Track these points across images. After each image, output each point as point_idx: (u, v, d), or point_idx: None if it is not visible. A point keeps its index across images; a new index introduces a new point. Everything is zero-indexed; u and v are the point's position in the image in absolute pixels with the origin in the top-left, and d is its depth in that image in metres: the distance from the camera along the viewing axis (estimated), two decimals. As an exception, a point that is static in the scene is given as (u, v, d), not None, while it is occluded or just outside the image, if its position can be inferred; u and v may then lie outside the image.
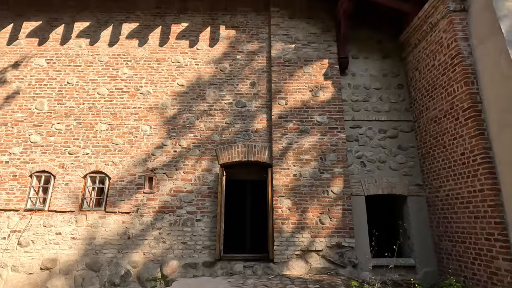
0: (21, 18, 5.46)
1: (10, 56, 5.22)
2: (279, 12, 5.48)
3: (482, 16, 3.96)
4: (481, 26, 3.95)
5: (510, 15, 3.71)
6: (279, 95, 5.02)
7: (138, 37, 5.41)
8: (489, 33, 3.80)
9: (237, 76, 5.22)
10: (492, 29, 3.75)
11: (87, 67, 5.22)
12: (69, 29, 5.42)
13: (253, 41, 5.42)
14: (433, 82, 4.59)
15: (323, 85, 5.07)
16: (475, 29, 4.05)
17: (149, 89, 5.11)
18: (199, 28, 5.47)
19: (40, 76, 5.14)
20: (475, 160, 3.75)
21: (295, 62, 5.19)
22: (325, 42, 5.32)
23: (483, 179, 3.63)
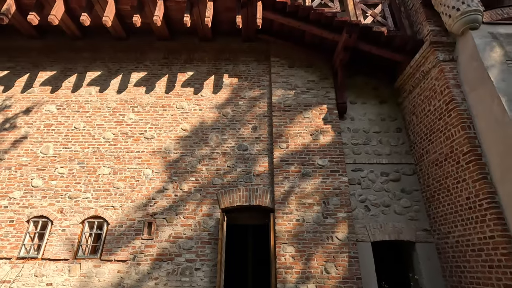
0: (38, 68, 5.83)
1: (22, 103, 5.47)
2: (279, 61, 5.84)
3: (470, 65, 4.20)
4: (470, 75, 4.17)
5: (496, 64, 3.94)
6: (280, 138, 5.11)
7: (145, 84, 5.71)
8: (479, 81, 3.99)
9: (239, 120, 5.38)
10: (482, 77, 3.95)
11: (95, 113, 5.43)
12: (81, 78, 5.75)
13: (255, 88, 5.69)
14: (430, 126, 4.70)
15: (323, 129, 5.19)
16: (465, 77, 4.27)
17: (153, 134, 5.24)
18: (204, 76, 5.79)
19: (49, 121, 5.32)
20: (482, 205, 3.67)
21: (295, 107, 5.38)
22: (323, 88, 5.58)
23: (492, 225, 3.52)
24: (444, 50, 4.55)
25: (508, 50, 4.08)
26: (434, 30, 4.72)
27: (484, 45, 4.13)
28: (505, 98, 3.63)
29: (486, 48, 4.09)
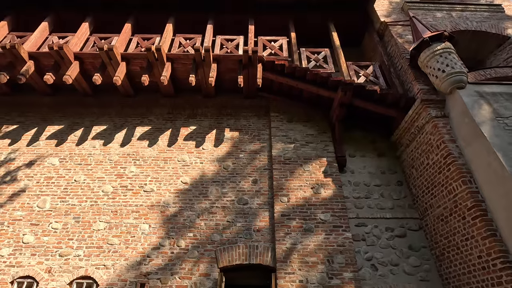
0: (46, 122, 6.06)
1: (26, 156, 5.55)
2: (278, 116, 6.08)
3: (462, 121, 4.37)
4: (464, 130, 4.32)
5: (487, 121, 4.11)
6: (281, 192, 5.06)
7: (149, 138, 5.87)
8: (473, 136, 4.11)
9: (239, 173, 5.40)
10: (475, 133, 4.08)
11: (97, 166, 5.47)
12: (87, 132, 5.93)
13: (255, 141, 5.83)
14: (431, 180, 4.69)
15: (324, 182, 5.17)
16: (459, 132, 4.41)
17: (153, 187, 5.21)
18: (206, 130, 5.98)
19: (50, 174, 5.33)
20: (495, 265, 3.47)
21: (295, 160, 5.45)
22: (322, 142, 5.71)
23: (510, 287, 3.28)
24: (435, 107, 4.79)
25: (495, 107, 4.29)
26: (423, 88, 5.03)
27: (473, 102, 4.35)
28: (501, 153, 3.70)
29: (474, 105, 4.31)
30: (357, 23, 7.33)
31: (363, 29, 7.38)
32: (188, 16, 6.95)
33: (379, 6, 7.01)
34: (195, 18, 6.94)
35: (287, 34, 6.71)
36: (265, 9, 6.99)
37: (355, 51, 7.44)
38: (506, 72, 5.31)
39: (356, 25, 7.34)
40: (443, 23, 6.46)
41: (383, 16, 6.74)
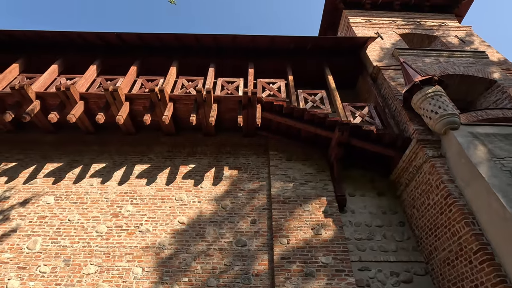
0: (45, 160, 6.06)
1: (22, 194, 5.47)
2: (277, 155, 6.14)
3: (459, 161, 4.42)
4: (461, 170, 4.34)
5: (484, 161, 4.15)
6: (281, 233, 4.92)
7: (147, 176, 5.84)
8: (472, 177, 4.12)
9: (238, 213, 5.29)
10: (473, 174, 4.10)
11: (93, 204, 5.36)
12: (86, 169, 5.91)
13: (254, 180, 5.81)
14: (433, 221, 4.60)
15: (324, 223, 5.05)
16: (457, 172, 4.43)
17: (149, 227, 5.06)
18: (205, 168, 5.99)
19: (43, 213, 5.21)
20: (509, 316, 3.26)
21: (294, 200, 5.38)
22: (321, 181, 5.69)
23: None
24: (431, 147, 4.87)
25: (490, 148, 4.37)
26: (419, 129, 5.16)
27: (468, 143, 4.44)
28: (501, 194, 3.69)
29: (470, 146, 4.39)
30: (351, 67, 7.76)
31: (357, 72, 7.78)
32: (191, 60, 7.36)
33: (371, 52, 7.48)
34: (198, 62, 7.34)
35: (285, 77, 7.06)
36: (264, 55, 7.44)
37: (350, 93, 7.77)
38: (497, 114, 5.50)
39: (350, 69, 7.77)
40: (432, 68, 6.84)
41: (375, 61, 7.15)
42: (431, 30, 8.93)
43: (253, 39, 7.26)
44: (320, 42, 7.50)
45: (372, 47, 7.66)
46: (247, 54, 7.37)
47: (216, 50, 7.44)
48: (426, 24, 9.15)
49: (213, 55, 7.34)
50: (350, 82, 7.98)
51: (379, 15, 9.42)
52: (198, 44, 7.37)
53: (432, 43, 8.82)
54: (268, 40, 7.28)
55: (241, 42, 7.32)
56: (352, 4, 9.74)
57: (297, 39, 7.30)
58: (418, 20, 9.33)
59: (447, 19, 9.44)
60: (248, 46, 7.40)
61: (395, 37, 8.39)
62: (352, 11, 9.58)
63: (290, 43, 7.37)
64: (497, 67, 7.07)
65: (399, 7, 9.64)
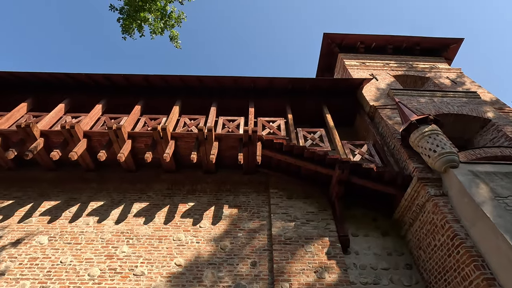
0: (43, 198, 5.98)
1: (15, 234, 5.30)
2: (278, 193, 6.07)
3: (462, 200, 4.36)
4: (465, 210, 4.27)
5: (487, 201, 4.10)
6: (282, 276, 4.67)
7: (145, 215, 5.72)
8: (476, 217, 4.04)
9: (237, 255, 5.08)
10: (477, 214, 4.02)
11: (87, 245, 5.18)
12: (83, 208, 5.81)
13: (254, 219, 5.67)
14: (442, 264, 4.40)
15: (328, 265, 4.83)
16: (461, 212, 4.35)
17: (144, 270, 4.82)
18: (205, 207, 5.88)
19: (35, 254, 5.00)
20: None
21: (296, 240, 5.20)
22: (323, 220, 5.56)
23: None
24: (433, 185, 4.84)
25: (492, 186, 4.35)
26: (418, 167, 5.17)
27: (469, 182, 4.42)
28: (509, 235, 3.58)
29: (471, 185, 4.37)
30: (348, 106, 8.02)
31: (355, 111, 8.02)
32: (194, 100, 7.64)
33: (367, 92, 7.78)
34: (200, 102, 7.60)
35: (284, 115, 7.26)
36: (264, 95, 7.74)
37: (348, 131, 7.92)
38: (495, 152, 5.55)
39: (347, 108, 8.02)
40: (427, 107, 7.06)
41: (372, 100, 7.41)
42: (423, 72, 9.39)
43: (253, 81, 7.60)
44: (317, 83, 7.85)
45: (368, 87, 7.98)
46: (248, 94, 7.66)
47: (218, 90, 7.75)
48: (418, 67, 9.64)
49: (215, 94, 7.63)
50: (348, 120, 8.19)
51: (373, 58, 9.97)
52: (200, 85, 7.70)
53: (425, 83, 9.21)
54: (268, 81, 7.62)
55: (242, 83, 7.66)
56: (346, 48, 10.36)
57: (295, 81, 7.64)
58: (410, 62, 9.85)
59: (437, 62, 9.98)
60: (248, 87, 7.73)
61: (389, 78, 8.79)
62: (347, 55, 10.16)
63: (289, 84, 7.71)
64: (490, 106, 7.30)
65: (392, 51, 10.24)
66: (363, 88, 7.88)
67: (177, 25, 5.52)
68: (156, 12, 5.00)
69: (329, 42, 10.35)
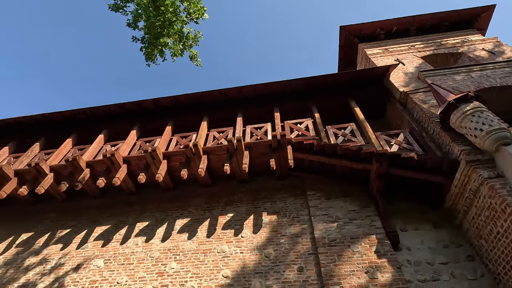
0: (94, 224, 6.42)
1: (75, 260, 5.73)
2: (315, 194, 5.94)
3: (523, 180, 3.93)
4: (528, 190, 3.84)
5: (553, 177, 3.65)
6: (332, 280, 4.52)
7: (188, 230, 5.88)
8: (543, 196, 3.61)
9: (282, 261, 5.02)
10: (544, 192, 3.60)
11: (139, 264, 5.43)
12: (131, 229, 6.13)
13: (295, 223, 5.59)
14: (509, 252, 3.98)
15: (378, 265, 4.59)
16: (523, 193, 3.92)
17: (194, 284, 4.94)
18: (244, 216, 5.92)
19: (94, 277, 5.35)
20: None
21: (341, 241, 5.02)
22: (367, 217, 5.32)
23: None
24: (484, 167, 4.44)
25: (557, 160, 3.88)
26: (465, 149, 4.77)
27: (527, 158, 3.99)
28: None
29: (531, 161, 3.93)
30: (377, 97, 7.69)
31: (385, 100, 7.67)
32: (219, 113, 7.78)
33: (395, 78, 7.41)
34: (226, 115, 7.72)
35: (311, 116, 7.14)
36: (288, 98, 7.66)
37: (380, 122, 7.57)
38: (553, 121, 4.97)
39: (376, 99, 7.70)
40: (465, 84, 6.55)
41: (401, 86, 7.04)
42: (455, 48, 8.76)
43: (288, 84, 7.47)
44: (341, 78, 7.64)
45: (395, 73, 7.61)
46: (272, 100, 7.65)
47: (242, 100, 7.83)
48: (448, 43, 9.03)
49: (239, 105, 7.72)
50: (378, 111, 7.85)
51: (396, 43, 9.52)
52: (224, 98, 7.83)
53: (459, 59, 8.58)
54: (292, 83, 7.51)
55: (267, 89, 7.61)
56: (366, 37, 10.02)
57: (319, 79, 7.48)
58: (438, 40, 9.25)
59: (469, 34, 9.26)
60: (275, 91, 7.65)
61: (417, 60, 8.32)
62: (368, 44, 9.81)
63: (313, 83, 7.56)
64: (539, 72, 6.58)
65: (415, 32, 9.71)
66: (390, 75, 7.52)
67: (195, 44, 5.73)
68: (174, 35, 5.24)
69: (347, 34, 10.09)
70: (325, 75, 7.46)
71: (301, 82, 7.51)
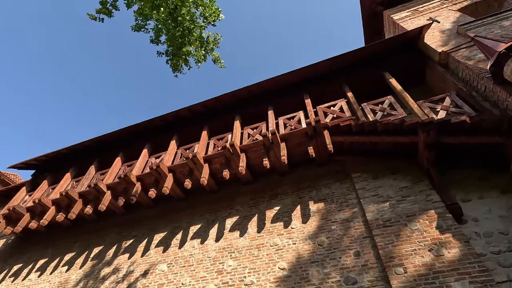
0: (153, 232, 6.89)
1: (142, 266, 6.21)
2: (361, 176, 5.72)
3: None
4: None
5: None
6: (393, 262, 4.33)
7: (238, 228, 6.05)
8: None
9: (337, 248, 4.93)
10: None
11: (198, 265, 5.72)
12: (186, 233, 6.47)
13: (344, 208, 5.44)
14: None
15: (443, 241, 4.28)
16: None
17: (253, 279, 5.07)
18: (290, 208, 5.92)
19: (161, 281, 5.75)
20: None
21: (396, 220, 4.78)
22: (421, 192, 4.99)
23: None
24: (555, 118, 3.90)
25: None
26: (527, 102, 4.24)
27: None
28: None
29: None
30: (412, 64, 7.14)
31: (422, 64, 7.10)
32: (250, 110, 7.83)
33: (430, 39, 6.80)
34: (257, 111, 7.73)
35: (343, 96, 6.86)
36: (319, 81, 7.44)
37: (418, 91, 6.97)
38: None
39: (412, 66, 7.15)
40: (516, 29, 5.79)
41: (439, 46, 6.44)
42: (497, -9, 7.77)
43: (314, 68, 7.23)
44: (370, 51, 7.20)
45: (430, 34, 6.99)
46: (301, 88, 7.49)
47: (271, 92, 7.77)
48: (487, -13, 8.03)
49: (268, 98, 7.68)
50: (415, 79, 7.28)
51: (425, 0, 8.71)
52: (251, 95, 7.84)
53: (504, 3, 7.61)
54: (319, 66, 7.25)
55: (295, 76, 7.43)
56: (390, 2, 9.32)
57: (347, 56, 7.12)
58: (475, -13, 8.27)
59: (512, -28, 8.13)
60: (304, 77, 7.44)
61: (453, 14, 7.54)
62: (393, 9, 9.13)
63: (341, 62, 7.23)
64: None
65: (446, -17, 8.78)
66: (425, 37, 6.92)
67: (216, 46, 5.80)
68: (195, 42, 5.36)
69: (369, 3, 9.47)
70: (352, 51, 7.08)
71: (328, 63, 7.22)
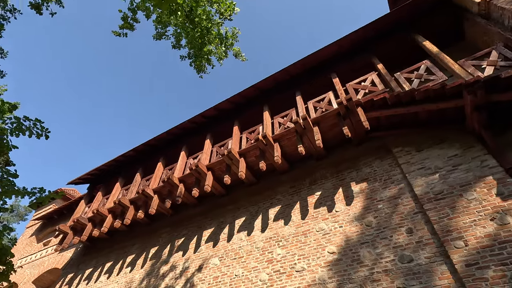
0: (201, 229, 7.22)
1: (196, 262, 6.56)
2: (403, 150, 5.43)
3: None
4: None
5: None
6: (451, 235, 4.08)
7: (282, 217, 6.10)
8: None
9: (387, 227, 4.76)
10: None
11: (248, 256, 5.89)
12: (232, 227, 6.69)
13: (389, 185, 5.22)
14: None
15: (506, 208, 3.93)
16: None
17: (303, 265, 5.11)
18: (332, 192, 5.82)
19: (215, 274, 6.03)
20: None
21: (449, 192, 4.48)
22: (475, 159, 4.61)
23: None
24: None
25: None
26: None
27: None
28: None
29: None
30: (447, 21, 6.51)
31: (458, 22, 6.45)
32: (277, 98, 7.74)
33: (465, -10, 6.13)
34: (283, 98, 7.64)
35: (373, 69, 6.50)
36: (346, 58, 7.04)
37: (457, 50, 6.36)
38: None
39: (446, 24, 6.52)
40: None
41: (476, -4, 5.78)
42: None
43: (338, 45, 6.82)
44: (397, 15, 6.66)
45: (464, -16, 6.29)
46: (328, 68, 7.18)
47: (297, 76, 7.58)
48: None
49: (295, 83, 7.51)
50: (452, 38, 6.64)
51: (454, -51, 7.83)
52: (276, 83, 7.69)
53: None
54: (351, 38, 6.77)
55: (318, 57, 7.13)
56: (413, -42, 8.51)
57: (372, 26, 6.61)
58: None
59: None
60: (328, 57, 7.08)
61: (489, -43, 6.69)
62: (418, -35, 8.32)
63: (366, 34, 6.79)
64: None
65: None
66: (458, -11, 6.25)
67: (235, 41, 5.79)
68: (215, 40, 5.40)
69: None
70: (378, 19, 6.48)
71: (352, 37, 6.78)
